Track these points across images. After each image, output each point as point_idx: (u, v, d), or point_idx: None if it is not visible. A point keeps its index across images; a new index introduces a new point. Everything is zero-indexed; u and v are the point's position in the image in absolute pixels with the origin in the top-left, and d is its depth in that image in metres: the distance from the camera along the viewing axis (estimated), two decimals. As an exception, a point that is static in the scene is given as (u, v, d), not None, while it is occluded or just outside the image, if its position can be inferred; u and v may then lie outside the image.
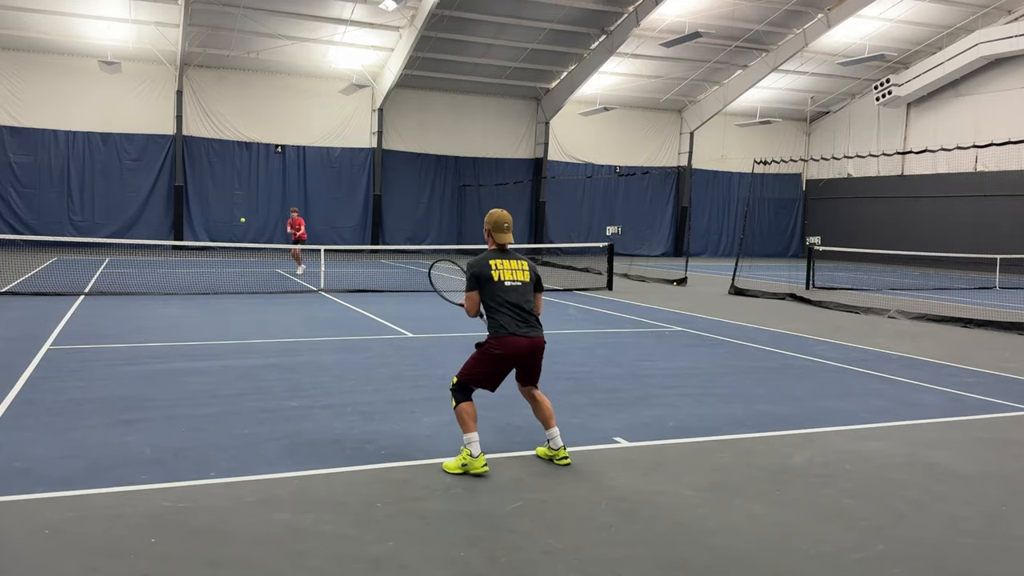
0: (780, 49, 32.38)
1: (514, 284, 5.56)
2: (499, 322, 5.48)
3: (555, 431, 5.65)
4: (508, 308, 5.49)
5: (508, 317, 5.47)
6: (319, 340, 10.74)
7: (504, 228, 5.69)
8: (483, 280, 5.55)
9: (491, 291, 5.53)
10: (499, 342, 5.47)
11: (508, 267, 5.61)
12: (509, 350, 5.46)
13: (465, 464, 5.31)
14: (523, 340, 5.47)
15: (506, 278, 5.55)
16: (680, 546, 4.32)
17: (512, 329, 5.45)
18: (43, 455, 5.53)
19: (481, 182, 36.12)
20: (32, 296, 14.73)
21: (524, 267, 5.67)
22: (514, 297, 5.52)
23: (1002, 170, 30.80)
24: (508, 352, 5.47)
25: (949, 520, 4.79)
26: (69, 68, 29.59)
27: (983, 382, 9.08)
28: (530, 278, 5.66)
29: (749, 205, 22.49)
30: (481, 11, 28.70)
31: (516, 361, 5.54)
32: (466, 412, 5.42)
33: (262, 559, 4.03)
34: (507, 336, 5.44)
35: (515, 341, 5.46)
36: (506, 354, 5.47)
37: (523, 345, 5.48)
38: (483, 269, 5.57)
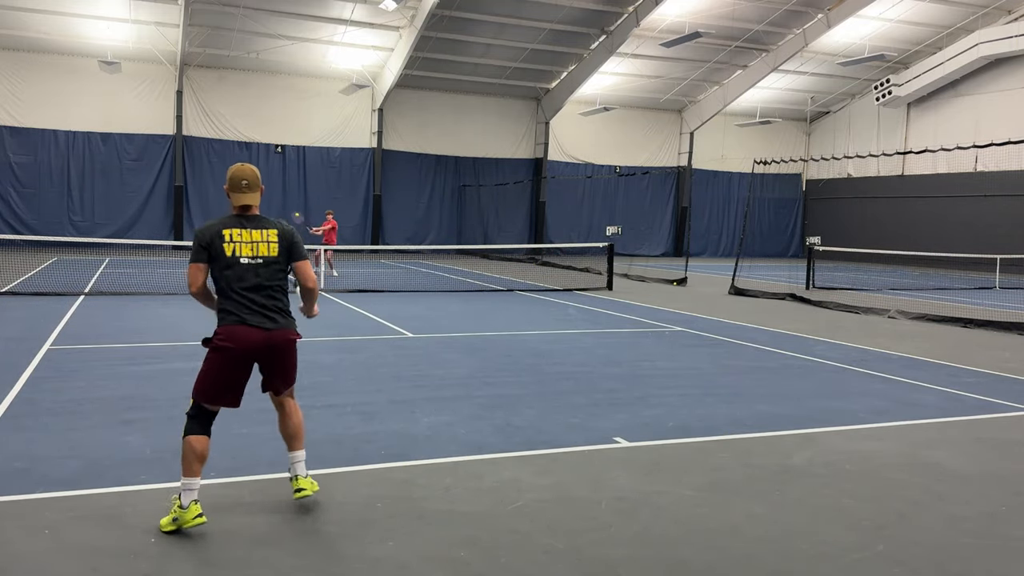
0: (780, 49, 32.38)
1: (254, 262, 4.42)
2: (225, 307, 4.40)
3: (299, 454, 4.65)
4: (240, 293, 4.37)
5: (239, 303, 4.37)
6: (319, 340, 10.73)
7: (243, 186, 4.45)
8: (214, 254, 4.37)
9: (220, 269, 4.37)
10: (224, 333, 4.36)
11: (247, 239, 4.42)
12: (239, 344, 4.34)
13: (176, 518, 4.22)
14: (256, 332, 4.36)
15: (243, 253, 4.40)
16: (680, 546, 4.32)
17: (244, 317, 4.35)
18: (43, 455, 5.52)
19: (481, 182, 36.13)
20: (32, 296, 14.72)
21: (272, 236, 4.47)
22: (252, 279, 4.39)
23: (1002, 170, 30.81)
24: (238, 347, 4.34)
25: (949, 520, 4.79)
26: (69, 68, 29.59)
27: (983, 382, 9.08)
28: (279, 252, 4.48)
29: (749, 205, 22.47)
30: (481, 11, 28.71)
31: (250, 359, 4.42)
32: (191, 447, 4.30)
33: (262, 559, 4.03)
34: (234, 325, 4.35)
35: (246, 332, 4.34)
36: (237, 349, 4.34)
37: (256, 339, 4.36)
38: (214, 239, 4.38)
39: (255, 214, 4.53)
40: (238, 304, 4.35)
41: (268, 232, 4.47)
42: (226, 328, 4.35)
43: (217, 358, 4.35)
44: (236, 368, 4.38)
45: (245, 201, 4.46)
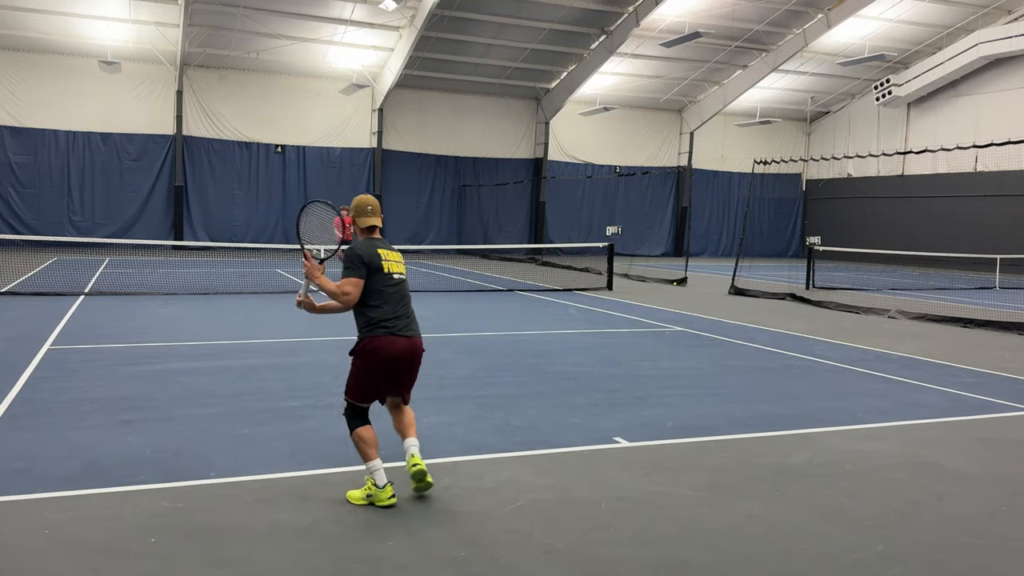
0: (780, 49, 32.39)
1: (400, 278, 4.99)
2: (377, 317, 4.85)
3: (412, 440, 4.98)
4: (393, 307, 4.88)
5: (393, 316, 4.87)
6: (319, 340, 10.73)
7: (369, 211, 5.05)
8: (373, 269, 4.86)
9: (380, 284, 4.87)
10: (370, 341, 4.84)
11: (394, 258, 5.02)
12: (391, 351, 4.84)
13: (370, 495, 4.75)
14: (403, 341, 4.86)
15: (394, 271, 4.96)
16: (680, 546, 4.32)
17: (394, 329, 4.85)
18: (43, 455, 5.53)
19: (481, 182, 36.13)
20: (32, 296, 14.72)
21: (400, 257, 5.13)
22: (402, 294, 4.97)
23: (1002, 170, 30.80)
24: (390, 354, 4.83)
25: (949, 520, 4.79)
26: (69, 68, 29.59)
27: (983, 382, 9.08)
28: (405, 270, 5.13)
29: (749, 205, 22.47)
30: (481, 11, 28.70)
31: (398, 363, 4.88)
32: (361, 438, 4.82)
33: (262, 559, 4.03)
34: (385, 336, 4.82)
35: (396, 342, 4.83)
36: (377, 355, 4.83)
37: (403, 347, 4.87)
38: (374, 257, 4.88)
39: (382, 238, 5.12)
40: (392, 317, 4.85)
41: (397, 254, 5.10)
42: (380, 339, 4.81)
43: (369, 364, 4.83)
44: (385, 371, 4.85)
45: (374, 222, 5.05)
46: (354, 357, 4.89)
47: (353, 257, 4.86)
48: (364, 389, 4.87)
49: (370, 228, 5.05)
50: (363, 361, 4.85)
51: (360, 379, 4.86)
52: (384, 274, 4.87)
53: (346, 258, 4.90)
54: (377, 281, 4.85)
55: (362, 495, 4.77)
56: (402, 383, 4.98)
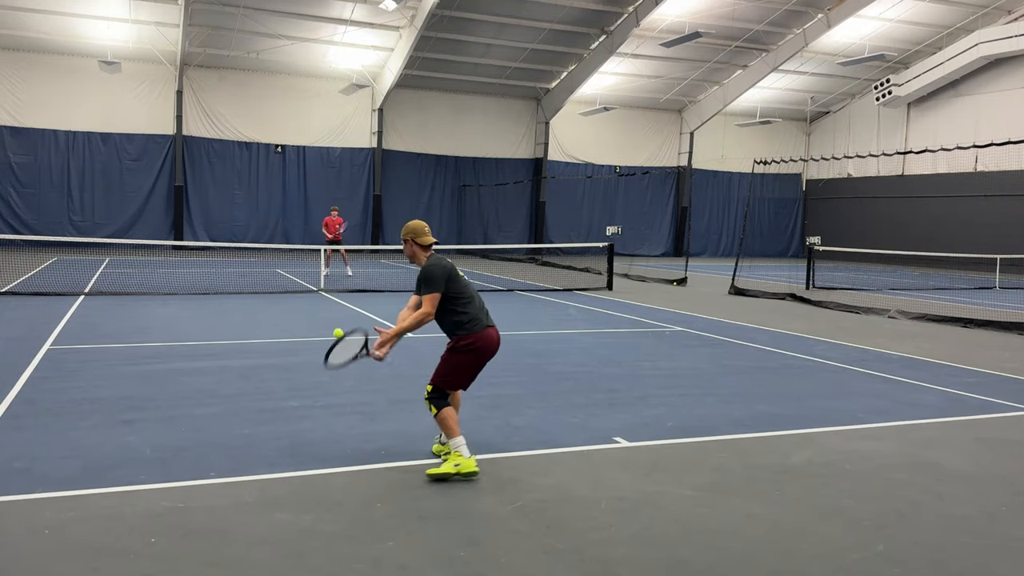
0: (780, 49, 32.38)
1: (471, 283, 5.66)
2: (473, 314, 5.47)
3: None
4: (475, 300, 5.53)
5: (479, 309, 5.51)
6: (319, 340, 10.73)
7: (426, 231, 5.75)
8: (452, 277, 5.47)
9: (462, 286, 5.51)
10: (478, 336, 5.43)
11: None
12: (490, 343, 5.48)
13: (458, 464, 5.22)
14: (496, 332, 5.54)
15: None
16: (680, 546, 4.32)
17: (487, 322, 5.50)
18: (43, 455, 5.53)
19: (481, 182, 36.13)
20: (32, 296, 14.72)
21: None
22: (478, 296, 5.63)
23: (1002, 170, 30.80)
24: (487, 345, 5.46)
25: (949, 520, 4.79)
26: (69, 68, 29.58)
27: (983, 382, 9.08)
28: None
29: (749, 205, 22.47)
30: (481, 11, 28.70)
31: (492, 354, 5.53)
32: (450, 415, 5.38)
33: (262, 559, 4.03)
34: (485, 329, 5.46)
35: (492, 334, 5.50)
36: (485, 348, 5.46)
37: (497, 338, 5.54)
38: (453, 267, 5.54)
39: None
40: (481, 310, 5.49)
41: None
42: (484, 332, 5.42)
43: (476, 357, 5.42)
44: (483, 361, 5.49)
45: (432, 240, 5.69)
46: (460, 352, 5.40)
47: (435, 271, 5.41)
48: (462, 377, 5.46)
49: (429, 246, 5.66)
50: (472, 355, 5.41)
51: (462, 369, 5.43)
52: (462, 278, 5.49)
53: (427, 276, 5.42)
54: (458, 286, 5.44)
55: (449, 467, 5.19)
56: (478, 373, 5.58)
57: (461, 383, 5.50)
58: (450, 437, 5.31)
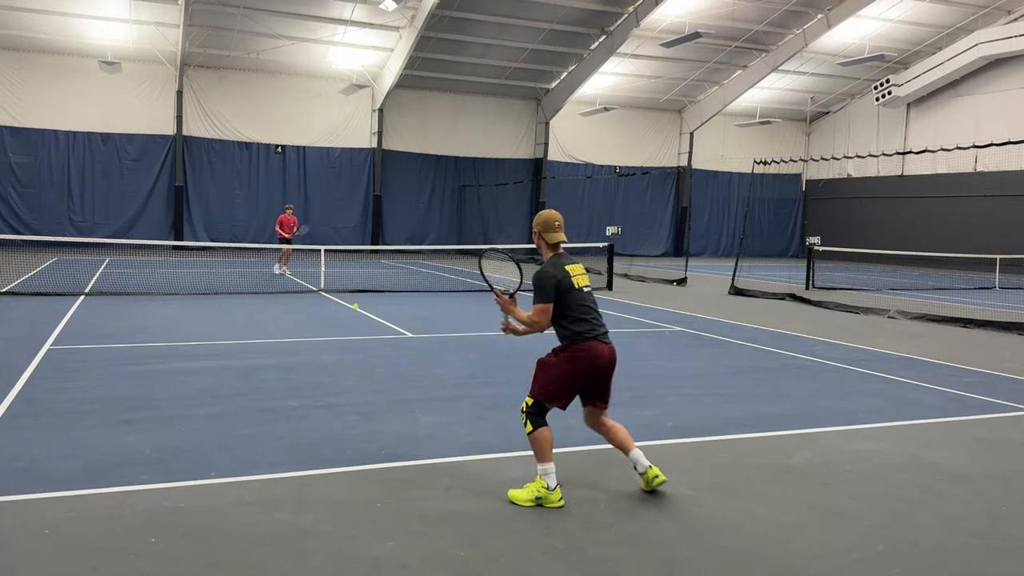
0: (780, 49, 32.38)
1: (588, 289, 5.12)
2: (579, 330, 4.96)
3: (637, 453, 5.11)
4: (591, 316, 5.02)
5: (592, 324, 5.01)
6: (319, 340, 10.73)
7: (556, 227, 5.10)
8: (563, 290, 4.95)
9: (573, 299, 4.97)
10: (584, 348, 4.94)
11: (580, 272, 5.12)
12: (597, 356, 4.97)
13: (539, 497, 4.80)
14: (606, 347, 5.01)
15: (583, 284, 5.07)
16: (680, 546, 4.32)
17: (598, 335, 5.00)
18: (43, 455, 5.53)
19: (481, 182, 36.13)
20: (32, 296, 14.72)
21: (583, 269, 5.21)
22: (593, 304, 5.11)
23: (1002, 170, 30.80)
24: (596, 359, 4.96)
25: (949, 520, 4.79)
26: (69, 68, 29.59)
27: (983, 382, 9.08)
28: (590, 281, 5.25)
29: (749, 205, 22.46)
30: (481, 11, 28.70)
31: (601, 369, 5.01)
32: (545, 439, 4.89)
33: (262, 559, 4.03)
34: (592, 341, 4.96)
35: (600, 348, 4.97)
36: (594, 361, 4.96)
37: (606, 353, 5.01)
38: (565, 278, 4.98)
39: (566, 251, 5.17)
40: (592, 325, 4.96)
41: (580, 266, 5.13)
42: (586, 344, 4.91)
43: (574, 367, 4.91)
44: (587, 377, 4.96)
45: (562, 238, 5.09)
46: (559, 360, 4.95)
47: (545, 280, 4.92)
48: (560, 390, 4.94)
49: (557, 244, 5.09)
50: (570, 364, 4.92)
51: (560, 380, 4.92)
52: (576, 290, 4.97)
53: (537, 281, 4.95)
54: (571, 298, 4.94)
55: (530, 496, 4.81)
56: (601, 389, 5.09)
57: (558, 395, 4.96)
58: (539, 462, 4.86)
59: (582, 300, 4.98)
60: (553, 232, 5.06)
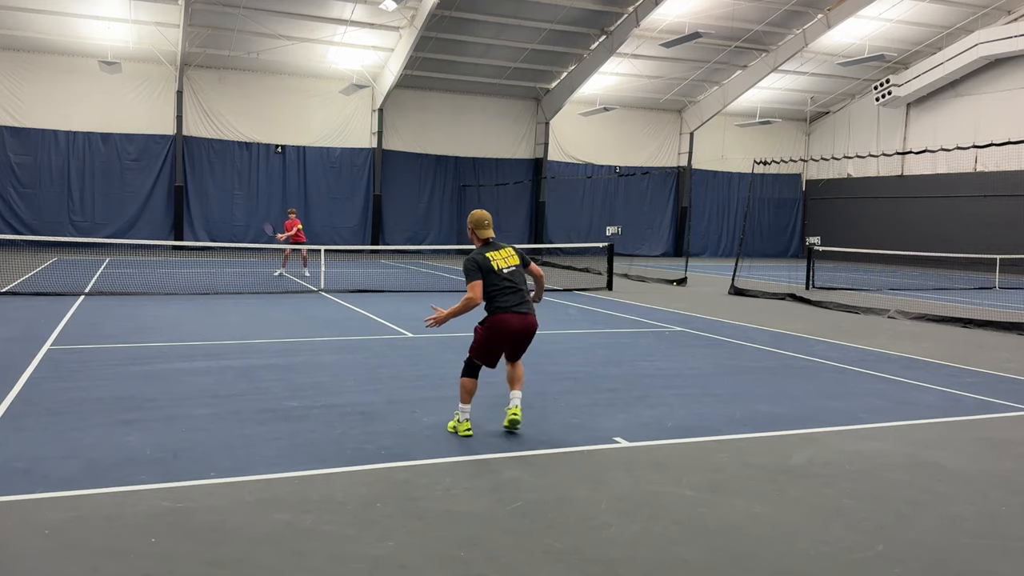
0: (780, 49, 32.38)
1: (510, 270, 6.31)
2: (495, 305, 6.19)
3: (516, 393, 6.35)
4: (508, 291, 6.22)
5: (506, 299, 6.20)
6: (319, 340, 10.74)
7: (485, 225, 6.44)
8: (483, 271, 6.20)
9: (492, 279, 6.21)
10: (498, 320, 6.18)
11: (502, 256, 6.35)
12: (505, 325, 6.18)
13: (454, 427, 6.26)
14: (518, 318, 6.21)
15: (501, 266, 6.28)
16: (680, 546, 4.32)
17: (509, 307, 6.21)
18: (43, 455, 5.53)
19: (481, 182, 36.13)
20: (32, 296, 14.72)
21: (511, 252, 6.44)
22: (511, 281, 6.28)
23: (1002, 170, 30.80)
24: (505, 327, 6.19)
25: (949, 520, 4.79)
26: (69, 68, 29.58)
27: (982, 382, 9.08)
28: (519, 261, 6.43)
29: (749, 205, 22.46)
30: (481, 11, 28.70)
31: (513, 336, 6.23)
32: (463, 386, 6.28)
33: (262, 559, 4.03)
34: (506, 313, 6.17)
35: (512, 319, 6.19)
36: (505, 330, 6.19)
37: (518, 323, 6.22)
38: (484, 261, 6.24)
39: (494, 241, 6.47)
40: (508, 300, 6.20)
41: (508, 249, 6.43)
42: (500, 316, 6.18)
43: (489, 334, 6.22)
44: (504, 341, 6.24)
45: (490, 234, 6.45)
46: (481, 328, 6.27)
47: (469, 264, 6.23)
48: (483, 353, 6.27)
49: (486, 239, 6.41)
50: (488, 333, 6.22)
51: (482, 345, 6.26)
52: (494, 272, 6.21)
53: (464, 266, 6.24)
54: (489, 279, 6.19)
55: (449, 427, 6.34)
56: (516, 350, 6.36)
57: (482, 356, 6.28)
58: (460, 402, 6.27)
59: (499, 280, 6.20)
60: (482, 229, 6.42)
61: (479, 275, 6.19)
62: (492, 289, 6.19)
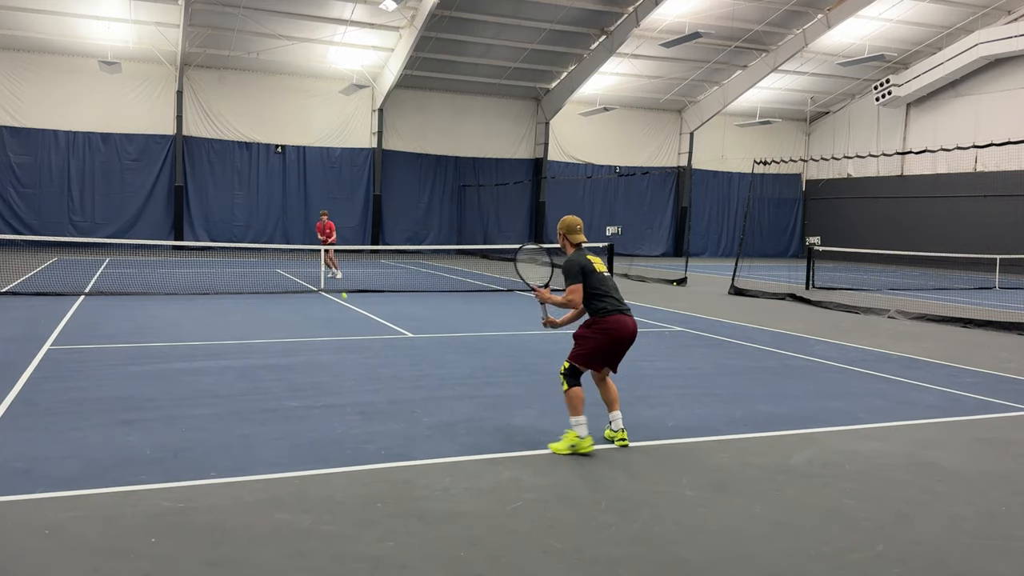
0: (780, 49, 32.39)
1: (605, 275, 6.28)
2: (603, 306, 6.05)
3: (618, 414, 6.13)
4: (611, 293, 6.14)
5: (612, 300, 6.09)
6: (319, 340, 10.74)
7: (578, 230, 6.37)
8: (586, 272, 6.14)
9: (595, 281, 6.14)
10: (611, 320, 5.99)
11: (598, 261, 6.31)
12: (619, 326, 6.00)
13: (573, 445, 5.82)
14: (631, 320, 6.10)
15: (601, 270, 6.24)
16: (680, 546, 4.32)
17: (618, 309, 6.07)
18: (43, 455, 5.53)
19: (481, 182, 36.14)
20: (32, 296, 14.72)
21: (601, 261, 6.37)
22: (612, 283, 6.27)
23: (1002, 170, 30.80)
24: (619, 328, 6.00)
25: (949, 520, 4.79)
26: (69, 68, 29.59)
27: (982, 382, 9.08)
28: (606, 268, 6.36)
29: (749, 205, 22.46)
30: (481, 11, 28.71)
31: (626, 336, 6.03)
32: (577, 396, 5.90)
33: (262, 559, 4.03)
34: (616, 314, 6.01)
35: (623, 319, 6.03)
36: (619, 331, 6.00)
37: (628, 323, 6.07)
38: (587, 263, 6.19)
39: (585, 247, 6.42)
40: (614, 301, 6.09)
41: (599, 259, 6.35)
42: (612, 316, 6.02)
43: (604, 337, 5.99)
44: (614, 343, 6.02)
45: (582, 239, 6.38)
46: (589, 331, 6.04)
47: (571, 265, 6.15)
48: (591, 356, 6.02)
49: (579, 244, 6.35)
50: (601, 335, 6.00)
51: (592, 348, 6.00)
52: (597, 273, 6.14)
53: (565, 268, 6.18)
54: (593, 280, 6.10)
55: (566, 445, 5.85)
56: (619, 354, 6.11)
57: (588, 361, 6.03)
58: (571, 415, 5.87)
59: (603, 282, 6.11)
60: (575, 234, 6.33)
61: (581, 277, 6.10)
62: (596, 290, 6.08)
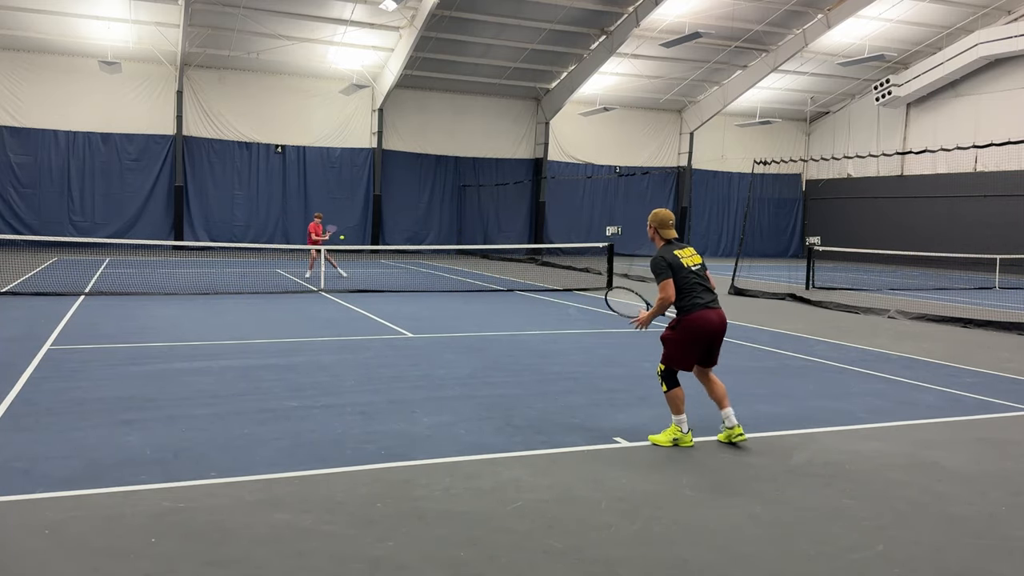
0: (780, 49, 32.39)
1: (697, 267, 6.23)
2: (689, 303, 6.05)
3: (729, 411, 6.14)
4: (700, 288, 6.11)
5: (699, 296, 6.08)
6: (319, 340, 10.74)
7: (669, 224, 6.32)
8: (673, 268, 6.10)
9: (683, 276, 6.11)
10: (695, 317, 6.01)
11: (687, 254, 6.25)
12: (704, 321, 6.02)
13: (676, 438, 6.06)
14: (716, 313, 6.09)
15: (690, 264, 6.19)
16: (680, 546, 4.32)
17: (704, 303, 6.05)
18: (43, 455, 5.53)
19: (481, 182, 36.15)
20: (32, 296, 14.72)
21: (694, 252, 6.35)
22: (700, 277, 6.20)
23: (1002, 170, 30.81)
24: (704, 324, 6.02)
25: (949, 520, 4.79)
26: (69, 68, 29.60)
27: (983, 382, 9.08)
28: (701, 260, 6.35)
29: (749, 205, 22.46)
30: (481, 11, 28.71)
31: (713, 332, 6.05)
32: (677, 397, 6.07)
33: (262, 559, 4.03)
34: (701, 310, 6.02)
35: (708, 314, 6.03)
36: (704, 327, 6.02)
37: (714, 318, 6.06)
38: (674, 259, 6.14)
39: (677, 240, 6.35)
40: (701, 296, 6.06)
41: (690, 248, 6.31)
42: (696, 313, 6.03)
43: (687, 335, 6.04)
44: (701, 341, 6.07)
45: (673, 234, 6.31)
46: (675, 331, 6.09)
47: (659, 263, 6.10)
48: (681, 356, 6.10)
49: (669, 239, 6.27)
50: (686, 334, 6.05)
51: (680, 348, 6.09)
52: (685, 269, 6.09)
53: (653, 266, 6.13)
54: (680, 276, 6.07)
55: (668, 438, 6.07)
56: (712, 349, 6.14)
57: (681, 360, 6.09)
58: (673, 414, 6.08)
59: (690, 277, 6.08)
60: (667, 229, 6.29)
61: (670, 273, 6.06)
62: (684, 285, 6.06)
